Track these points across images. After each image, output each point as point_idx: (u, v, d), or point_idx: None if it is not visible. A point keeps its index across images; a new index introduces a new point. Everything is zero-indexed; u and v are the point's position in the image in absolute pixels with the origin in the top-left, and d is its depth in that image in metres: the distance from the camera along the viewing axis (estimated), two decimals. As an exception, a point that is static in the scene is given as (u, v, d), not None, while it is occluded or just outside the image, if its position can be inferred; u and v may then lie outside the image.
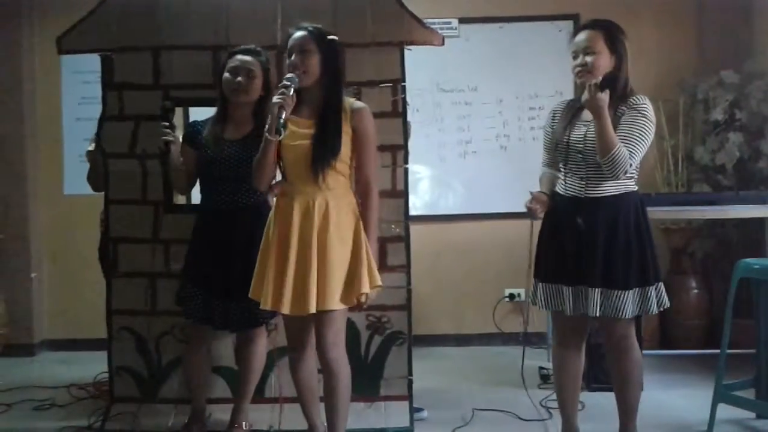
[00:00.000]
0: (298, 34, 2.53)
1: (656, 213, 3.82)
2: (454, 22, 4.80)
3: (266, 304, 2.48)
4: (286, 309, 2.44)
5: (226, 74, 2.86)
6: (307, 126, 2.51)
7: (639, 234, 2.60)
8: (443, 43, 3.26)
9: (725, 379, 3.07)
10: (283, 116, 2.40)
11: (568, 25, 4.53)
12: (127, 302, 3.23)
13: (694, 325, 4.46)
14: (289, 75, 2.47)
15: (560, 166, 2.70)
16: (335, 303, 2.45)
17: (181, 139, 3.00)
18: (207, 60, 3.21)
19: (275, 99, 2.42)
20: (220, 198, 2.88)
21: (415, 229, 3.33)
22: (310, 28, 2.54)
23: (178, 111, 3.62)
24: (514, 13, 4.76)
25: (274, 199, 2.66)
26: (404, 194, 3.23)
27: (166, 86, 3.24)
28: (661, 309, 2.65)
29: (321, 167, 2.46)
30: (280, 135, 2.42)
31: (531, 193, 2.69)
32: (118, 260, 3.25)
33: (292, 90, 2.44)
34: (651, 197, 3.86)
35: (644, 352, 3.62)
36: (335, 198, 2.50)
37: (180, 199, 3.29)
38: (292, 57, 2.50)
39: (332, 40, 2.55)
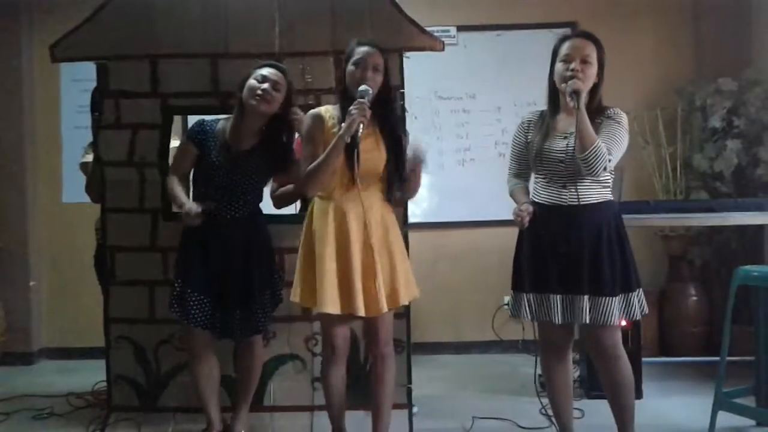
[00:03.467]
0: (370, 49, 2.65)
1: (655, 220, 3.83)
2: (453, 30, 4.82)
3: (332, 309, 2.57)
4: (361, 311, 2.58)
5: (252, 80, 2.82)
6: (369, 136, 2.63)
7: (620, 241, 2.64)
8: (443, 49, 3.26)
9: (725, 387, 3.07)
10: (361, 128, 2.54)
11: (566, 33, 4.54)
12: (125, 311, 3.22)
13: (694, 332, 4.46)
14: (364, 87, 2.58)
15: (536, 176, 2.71)
16: (405, 298, 2.69)
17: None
18: (205, 68, 3.21)
19: (354, 110, 2.52)
20: (219, 205, 2.87)
21: (413, 236, 3.32)
22: (378, 45, 2.68)
23: (177, 119, 3.63)
24: (511, 21, 4.78)
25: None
26: (403, 202, 3.23)
27: (164, 94, 3.23)
28: (643, 315, 2.68)
29: (394, 181, 2.69)
30: (355, 143, 2.55)
31: (519, 203, 2.69)
32: (116, 269, 3.24)
33: (368, 102, 2.56)
34: (649, 204, 3.86)
35: (643, 360, 3.66)
36: (385, 205, 2.70)
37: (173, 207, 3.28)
38: (367, 72, 2.61)
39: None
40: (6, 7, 4.63)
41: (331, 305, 2.58)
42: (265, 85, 2.81)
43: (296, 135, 2.98)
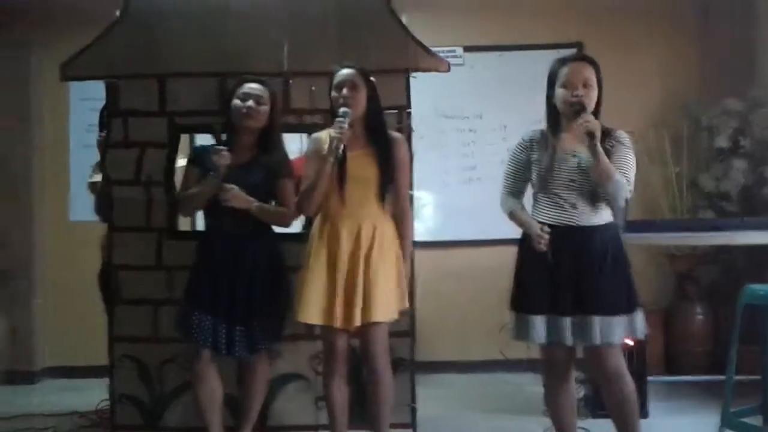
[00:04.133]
0: (347, 71, 2.77)
1: (661, 239, 3.82)
2: (459, 51, 4.85)
3: (315, 319, 2.69)
4: (338, 323, 2.67)
5: (236, 100, 2.92)
6: (361, 154, 2.74)
7: (624, 261, 2.65)
8: (449, 70, 3.30)
9: (732, 406, 3.04)
10: (341, 147, 2.65)
11: (562, 56, 4.57)
12: (130, 329, 3.22)
13: (700, 351, 4.43)
14: (343, 109, 2.69)
15: (541, 195, 2.70)
16: (384, 314, 2.71)
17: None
18: (213, 87, 3.24)
19: (333, 133, 2.65)
20: (224, 222, 2.90)
21: (418, 254, 3.32)
22: (357, 66, 2.80)
23: (184, 138, 3.66)
24: (517, 41, 4.81)
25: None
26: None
27: (172, 113, 3.27)
28: (645, 335, 2.70)
29: (384, 193, 2.77)
30: (338, 162, 2.68)
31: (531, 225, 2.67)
32: (121, 287, 3.25)
33: (347, 123, 2.66)
34: (656, 223, 3.86)
35: (649, 378, 3.63)
36: (381, 221, 2.77)
37: (183, 225, 3.30)
38: (343, 91, 2.72)
39: (372, 78, 2.83)
40: (16, 25, 4.68)
41: (313, 315, 2.67)
42: (249, 102, 2.89)
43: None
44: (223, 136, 2.93)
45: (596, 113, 2.67)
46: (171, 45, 3.28)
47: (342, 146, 2.65)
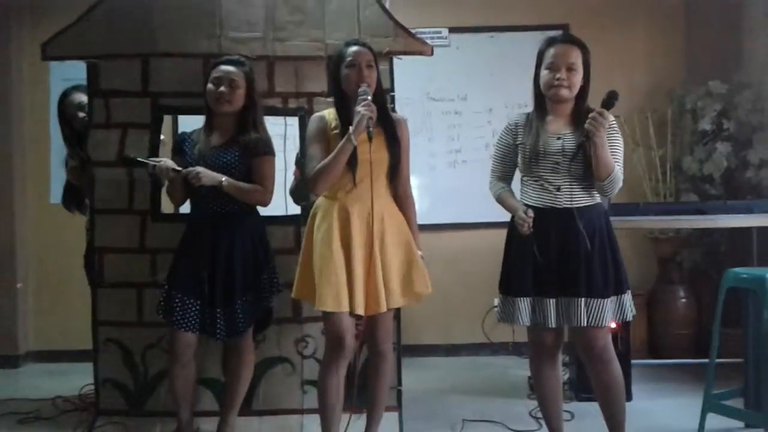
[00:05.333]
0: (361, 49, 2.70)
1: (644, 222, 3.84)
2: (444, 32, 4.82)
3: (333, 307, 2.60)
4: (361, 309, 2.62)
5: (210, 85, 2.88)
6: (376, 135, 2.63)
7: (611, 243, 2.66)
8: (432, 53, 3.28)
9: (714, 389, 3.08)
10: (371, 125, 2.57)
11: (551, 36, 4.55)
12: (114, 313, 3.19)
13: (683, 334, 4.48)
14: (363, 87, 2.62)
15: (527, 178, 2.71)
16: (400, 300, 2.71)
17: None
18: (198, 68, 3.18)
19: (362, 110, 2.56)
20: (207, 205, 2.88)
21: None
22: (369, 44, 2.75)
23: (167, 119, 3.62)
24: (503, 23, 4.79)
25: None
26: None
27: (155, 94, 3.22)
28: (633, 317, 2.71)
29: (394, 175, 2.73)
30: (371, 140, 2.57)
31: (516, 208, 2.68)
32: (104, 270, 3.21)
33: (370, 99, 2.60)
34: (639, 207, 3.87)
35: (633, 362, 3.67)
36: (389, 204, 2.74)
37: (167, 208, 3.27)
38: (363, 72, 2.65)
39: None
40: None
41: (331, 303, 2.60)
42: (222, 88, 2.85)
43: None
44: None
45: (583, 96, 2.67)
46: (155, 25, 3.22)
47: (371, 124, 2.56)
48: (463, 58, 4.79)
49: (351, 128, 2.58)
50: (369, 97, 2.59)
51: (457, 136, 4.87)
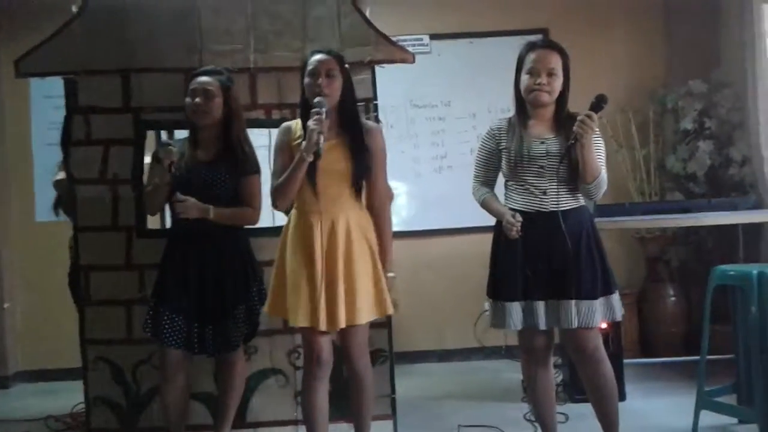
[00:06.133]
0: (322, 57, 2.63)
1: (631, 222, 3.86)
2: (426, 39, 4.84)
3: (303, 322, 2.56)
4: (323, 326, 2.54)
5: (187, 98, 2.86)
6: (334, 146, 2.60)
7: (597, 244, 2.68)
8: (414, 61, 3.29)
9: (707, 386, 3.09)
10: (322, 141, 2.49)
11: (531, 40, 4.59)
12: (102, 331, 3.16)
13: (674, 332, 4.50)
14: (318, 99, 2.55)
15: (512, 183, 2.72)
16: (367, 316, 2.61)
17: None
18: (179, 82, 3.16)
19: (312, 125, 2.49)
20: (188, 222, 2.83)
21: (393, 245, 3.31)
22: (333, 52, 2.69)
23: (150, 134, 3.59)
24: (484, 28, 4.81)
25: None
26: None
27: (137, 109, 3.20)
28: (622, 317, 2.72)
29: (359, 186, 2.64)
30: (319, 158, 2.51)
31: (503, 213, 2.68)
32: (91, 288, 3.18)
33: (324, 113, 2.51)
34: (625, 207, 3.90)
35: (625, 361, 3.68)
36: (357, 215, 2.65)
37: (152, 224, 3.25)
38: (318, 79, 2.58)
39: (347, 65, 2.71)
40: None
41: (304, 318, 2.57)
42: (197, 99, 2.82)
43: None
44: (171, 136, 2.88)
45: (563, 100, 2.69)
46: (134, 39, 3.20)
47: (322, 139, 2.49)
48: (445, 65, 4.81)
49: (303, 144, 2.53)
50: (323, 110, 2.52)
51: (441, 141, 4.88)
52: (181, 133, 3.20)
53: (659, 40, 4.85)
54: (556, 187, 2.63)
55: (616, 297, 2.67)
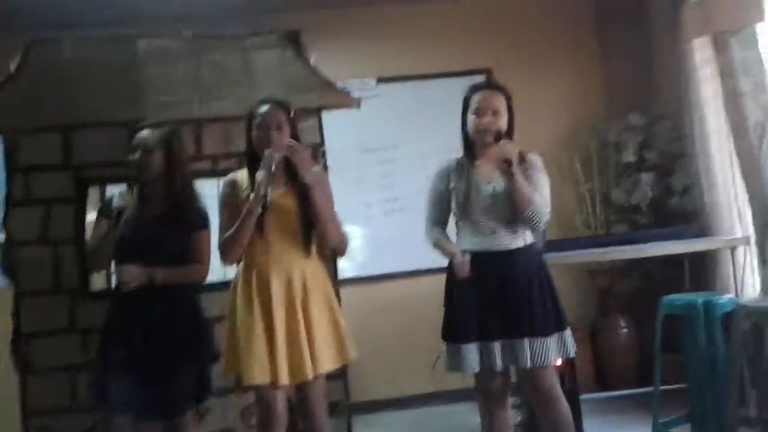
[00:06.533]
0: (271, 108, 2.62)
1: (580, 256, 3.91)
2: (373, 82, 4.88)
3: (261, 379, 2.50)
4: (285, 380, 2.50)
5: (129, 153, 2.81)
6: (283, 195, 2.58)
7: (548, 281, 2.70)
8: (359, 106, 3.31)
9: (662, 416, 3.12)
10: (270, 192, 2.47)
11: (481, 79, 4.66)
12: (45, 401, 3.03)
13: (628, 364, 4.52)
14: (268, 151, 2.53)
15: (462, 223, 2.74)
16: (329, 364, 2.59)
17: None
18: (122, 136, 3.10)
19: (260, 177, 2.48)
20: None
21: (345, 292, 3.28)
22: (281, 102, 2.67)
23: (94, 191, 3.51)
24: (428, 70, 4.87)
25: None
26: (332, 258, 3.19)
27: (79, 166, 3.14)
28: (575, 353, 2.73)
29: (310, 234, 2.62)
30: (267, 210, 2.48)
31: (453, 253, 2.69)
32: (33, 356, 3.05)
33: (273, 166, 2.50)
34: (573, 241, 3.95)
35: (582, 397, 3.67)
36: (311, 263, 2.64)
37: (97, 285, 3.15)
38: (268, 132, 2.56)
39: (293, 113, 2.69)
40: None
41: (259, 376, 2.50)
42: (136, 155, 2.78)
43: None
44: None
45: (508, 138, 2.72)
46: (75, 95, 3.16)
47: (270, 191, 2.49)
48: (393, 107, 4.85)
49: (251, 196, 2.51)
50: (273, 164, 2.50)
51: (392, 184, 4.89)
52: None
53: (597, 76, 4.99)
54: (504, 225, 2.65)
55: (568, 333, 2.69)
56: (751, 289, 3.64)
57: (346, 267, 4.54)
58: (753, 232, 3.58)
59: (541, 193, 2.66)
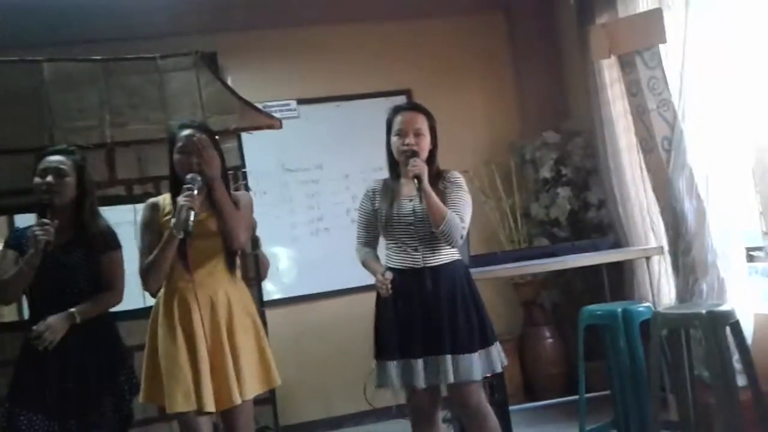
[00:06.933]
0: (192, 133, 2.54)
1: (504, 270, 3.96)
2: (293, 104, 4.86)
3: (185, 407, 2.41)
4: (210, 407, 2.42)
5: (36, 178, 2.68)
6: (205, 219, 2.52)
7: (473, 297, 2.73)
8: (281, 127, 3.29)
9: (588, 423, 3.18)
10: (192, 217, 2.40)
11: (402, 100, 4.72)
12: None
13: (554, 374, 4.62)
14: (191, 175, 2.47)
15: (388, 241, 2.77)
16: (255, 390, 2.52)
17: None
18: (30, 163, 2.95)
19: (182, 201, 2.41)
20: (49, 310, 2.63)
21: (272, 314, 3.24)
22: (203, 126, 2.64)
23: (1, 220, 3.33)
24: (349, 91, 4.90)
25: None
26: (256, 280, 3.14)
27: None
28: (503, 366, 2.75)
29: (234, 258, 2.57)
30: (189, 236, 2.41)
31: (376, 271, 2.70)
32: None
33: (196, 190, 2.44)
34: (497, 256, 4.01)
35: (511, 408, 3.71)
36: (235, 288, 2.58)
37: (7, 316, 2.97)
38: (192, 157, 2.50)
39: (217, 136, 2.65)
40: None
41: (182, 403, 2.42)
42: (48, 178, 2.66)
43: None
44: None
45: (432, 158, 2.76)
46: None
47: (192, 215, 2.40)
48: (315, 128, 4.84)
49: (173, 221, 2.44)
50: (195, 188, 2.44)
51: (317, 204, 4.87)
52: (22, 221, 2.99)
53: (512, 96, 5.14)
54: (426, 243, 2.67)
55: (495, 348, 2.71)
56: (666, 297, 3.78)
57: (273, 289, 4.48)
58: (666, 242, 3.72)
59: (459, 210, 2.67)
